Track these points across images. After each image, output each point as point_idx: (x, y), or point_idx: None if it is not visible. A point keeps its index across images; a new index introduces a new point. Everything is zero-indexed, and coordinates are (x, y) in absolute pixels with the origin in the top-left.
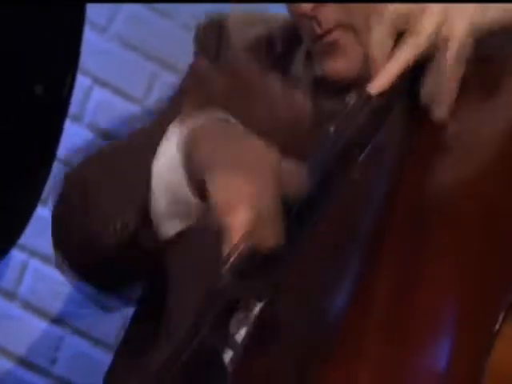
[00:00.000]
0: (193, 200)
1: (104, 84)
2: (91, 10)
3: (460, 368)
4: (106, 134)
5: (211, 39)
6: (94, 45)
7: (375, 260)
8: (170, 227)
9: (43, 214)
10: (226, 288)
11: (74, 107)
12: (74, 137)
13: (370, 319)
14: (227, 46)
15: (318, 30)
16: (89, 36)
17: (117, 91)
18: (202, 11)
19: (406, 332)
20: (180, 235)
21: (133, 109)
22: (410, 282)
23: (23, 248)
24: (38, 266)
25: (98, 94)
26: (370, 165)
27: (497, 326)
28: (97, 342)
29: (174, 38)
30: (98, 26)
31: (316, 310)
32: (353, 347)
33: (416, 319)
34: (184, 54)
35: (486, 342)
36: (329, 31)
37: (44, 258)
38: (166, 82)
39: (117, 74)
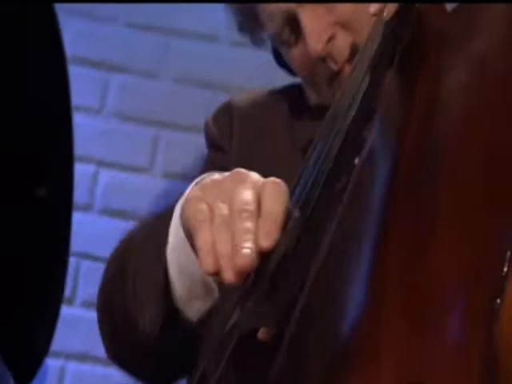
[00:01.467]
0: (206, 277)
1: (109, 165)
2: (80, 95)
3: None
4: (121, 214)
5: (223, 122)
6: (91, 129)
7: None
8: (193, 311)
9: (71, 313)
10: (236, 323)
11: (82, 197)
12: (87, 227)
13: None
14: (240, 123)
15: (335, 67)
16: (85, 121)
17: (123, 168)
18: (186, 71)
19: (424, 318)
20: (207, 315)
21: (142, 179)
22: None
23: (58, 354)
24: (76, 368)
25: (105, 176)
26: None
27: (505, 269)
28: None
29: (167, 96)
30: (91, 110)
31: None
32: (372, 348)
33: (430, 301)
34: (179, 108)
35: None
36: (346, 61)
37: (80, 358)
38: (170, 142)
39: (119, 150)
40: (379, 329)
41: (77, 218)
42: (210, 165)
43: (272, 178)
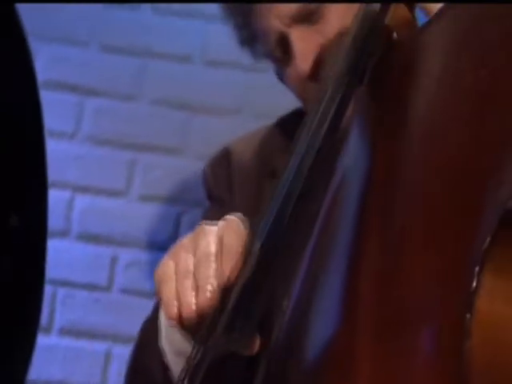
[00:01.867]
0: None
1: (85, 189)
2: (55, 120)
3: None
4: (98, 239)
5: (221, 173)
6: (66, 154)
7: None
8: None
9: (48, 341)
10: (208, 348)
11: (58, 223)
12: (64, 253)
13: (358, 331)
14: (238, 170)
15: None
16: (59, 146)
17: (98, 192)
18: (162, 93)
19: (396, 336)
20: None
21: (118, 203)
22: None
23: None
24: None
25: (81, 201)
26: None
27: (474, 284)
28: None
29: (143, 119)
30: (66, 134)
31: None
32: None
33: (402, 319)
34: (156, 131)
35: (466, 304)
36: None
37: None
38: (147, 165)
39: (95, 174)
40: (352, 349)
41: (53, 244)
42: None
43: (231, 217)
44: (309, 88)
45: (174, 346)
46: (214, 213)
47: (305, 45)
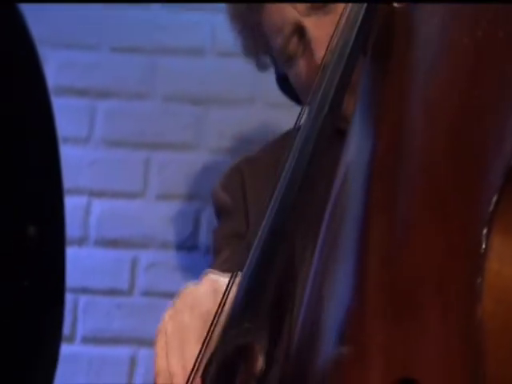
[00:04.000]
0: None
1: (101, 194)
2: (67, 126)
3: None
4: (117, 243)
5: (235, 187)
6: (80, 159)
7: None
8: None
9: (71, 350)
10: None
11: (75, 230)
12: (83, 260)
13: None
14: (251, 183)
15: None
16: (73, 152)
17: (115, 195)
18: (174, 89)
19: (406, 311)
20: None
21: (135, 205)
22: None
23: None
24: None
25: (98, 206)
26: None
27: (483, 246)
28: None
29: (156, 116)
30: (79, 140)
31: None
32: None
33: (411, 292)
34: (170, 128)
35: (476, 267)
36: None
37: None
38: (162, 163)
39: (110, 177)
40: (364, 329)
41: (71, 252)
42: (227, 238)
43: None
44: None
45: None
46: (228, 227)
47: (321, 32)
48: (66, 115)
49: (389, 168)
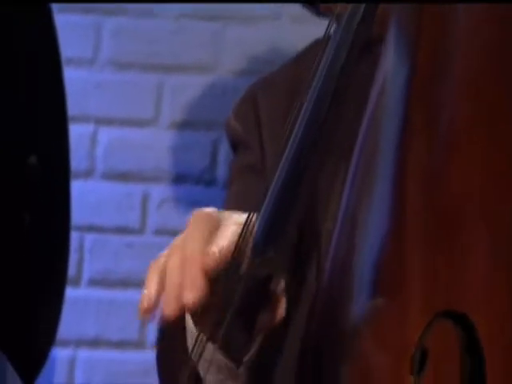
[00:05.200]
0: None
1: (108, 122)
2: (71, 45)
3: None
4: (126, 176)
5: (248, 115)
6: (85, 83)
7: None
8: None
9: (77, 294)
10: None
11: (81, 162)
12: (89, 195)
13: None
14: (266, 111)
15: None
16: (78, 75)
17: (124, 123)
18: (188, 4)
19: (448, 239)
20: None
21: (146, 134)
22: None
23: (66, 342)
24: (87, 356)
25: (105, 135)
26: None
27: None
28: None
29: (169, 36)
30: (84, 61)
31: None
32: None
33: (453, 219)
34: (184, 48)
35: None
36: None
37: (92, 344)
38: (176, 87)
39: (119, 103)
40: (403, 257)
41: (76, 186)
42: (239, 171)
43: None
44: None
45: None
46: (242, 160)
47: None
48: (70, 34)
49: (429, 87)
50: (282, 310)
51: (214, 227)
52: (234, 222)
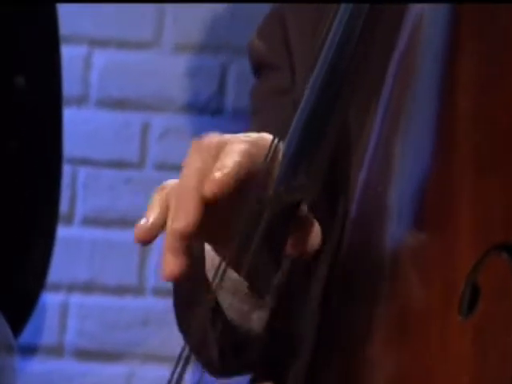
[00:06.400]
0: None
1: (104, 43)
2: None
3: None
4: (124, 104)
5: (274, 35)
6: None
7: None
8: (255, 319)
9: (70, 233)
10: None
11: (73, 88)
12: (83, 124)
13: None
14: (295, 28)
15: None
16: None
17: (121, 44)
18: None
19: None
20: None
21: (146, 57)
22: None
23: (58, 286)
24: (80, 302)
25: (100, 57)
26: None
27: None
28: None
29: None
30: None
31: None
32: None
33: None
34: None
35: None
36: None
37: (85, 289)
38: (179, 5)
39: (115, 22)
40: (451, 182)
41: (69, 113)
42: (266, 97)
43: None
44: None
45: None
46: (268, 83)
47: None
48: None
49: None
50: (314, 234)
51: (218, 149)
52: (241, 141)
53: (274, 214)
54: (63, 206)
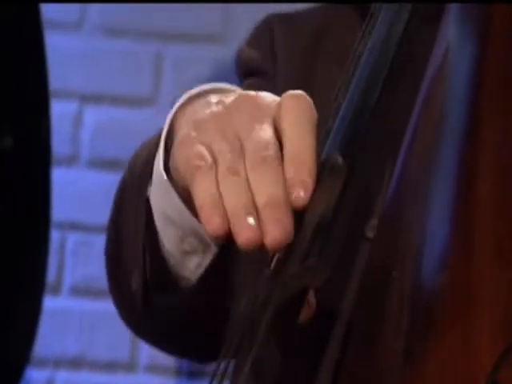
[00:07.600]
0: (199, 229)
1: (97, 98)
2: (54, 8)
3: None
4: (116, 165)
5: (263, 45)
6: (70, 52)
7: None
8: (190, 268)
9: (57, 305)
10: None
11: (63, 147)
12: (72, 186)
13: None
14: (283, 39)
15: None
16: (61, 43)
17: (115, 100)
18: None
19: None
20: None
21: (142, 114)
22: None
23: (44, 361)
24: (67, 378)
25: (92, 115)
26: None
27: None
28: None
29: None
30: (69, 25)
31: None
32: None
33: None
34: (185, 17)
35: None
36: None
37: (73, 364)
38: (178, 59)
39: (109, 76)
40: (473, 271)
41: (58, 174)
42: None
43: (292, 93)
44: None
45: (166, 215)
46: (260, 87)
47: None
48: None
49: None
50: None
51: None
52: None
53: (282, 300)
54: (50, 275)
